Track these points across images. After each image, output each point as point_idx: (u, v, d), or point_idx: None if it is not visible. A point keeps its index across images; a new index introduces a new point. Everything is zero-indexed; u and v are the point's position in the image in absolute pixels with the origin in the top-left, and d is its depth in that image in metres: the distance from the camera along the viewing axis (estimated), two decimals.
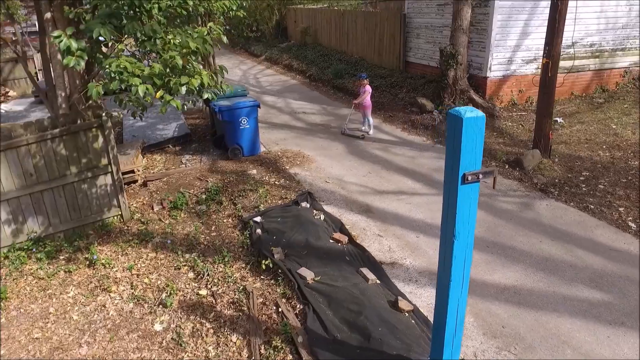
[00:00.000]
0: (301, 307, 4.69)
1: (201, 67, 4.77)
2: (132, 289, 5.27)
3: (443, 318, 3.17)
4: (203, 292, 5.17)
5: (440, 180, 7.67)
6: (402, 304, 4.53)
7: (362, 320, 4.28)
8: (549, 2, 9.42)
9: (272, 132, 10.40)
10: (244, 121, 8.47)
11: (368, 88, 9.84)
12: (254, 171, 8.04)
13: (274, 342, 4.25)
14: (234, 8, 6.23)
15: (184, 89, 4.25)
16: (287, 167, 8.31)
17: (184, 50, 4.28)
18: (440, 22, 11.76)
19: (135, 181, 7.90)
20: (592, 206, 6.64)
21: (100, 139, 6.27)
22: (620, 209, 6.51)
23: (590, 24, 11.01)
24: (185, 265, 5.64)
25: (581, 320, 4.45)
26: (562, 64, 11.16)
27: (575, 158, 8.15)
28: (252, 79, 17.00)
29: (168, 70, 4.20)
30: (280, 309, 4.69)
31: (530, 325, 4.39)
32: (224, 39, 5.05)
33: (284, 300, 4.86)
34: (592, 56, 11.39)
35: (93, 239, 6.22)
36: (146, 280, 5.42)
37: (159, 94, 4.15)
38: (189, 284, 5.34)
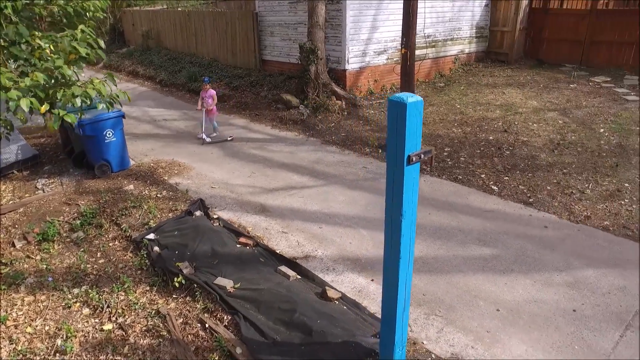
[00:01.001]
0: (229, 318, 4.46)
1: (83, 75, 4.18)
2: (12, 344, 4.44)
3: (394, 296, 3.30)
4: (108, 326, 4.59)
5: (323, 171, 7.93)
6: (331, 292, 4.59)
7: (298, 316, 4.24)
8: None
9: (138, 144, 9.61)
10: (110, 134, 7.69)
11: (213, 92, 9.67)
12: (131, 186, 7.36)
13: None
14: (92, 9, 5.55)
15: (78, 101, 3.66)
16: (166, 178, 7.78)
17: (71, 57, 3.68)
18: (294, 19, 12.05)
19: None
20: (460, 177, 7.49)
21: None
22: (482, 176, 7.46)
23: (426, 17, 12.32)
24: (76, 302, 4.95)
25: (482, 275, 5.01)
26: None
27: (435, 137, 9.08)
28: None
29: (53, 80, 3.57)
30: (207, 325, 4.40)
31: (444, 288, 4.81)
32: (102, 43, 4.46)
33: (207, 315, 4.57)
34: (430, 46, 12.77)
35: None
36: (29, 329, 4.61)
37: (43, 108, 3.51)
38: (87, 321, 4.70)
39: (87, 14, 5.47)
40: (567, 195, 6.77)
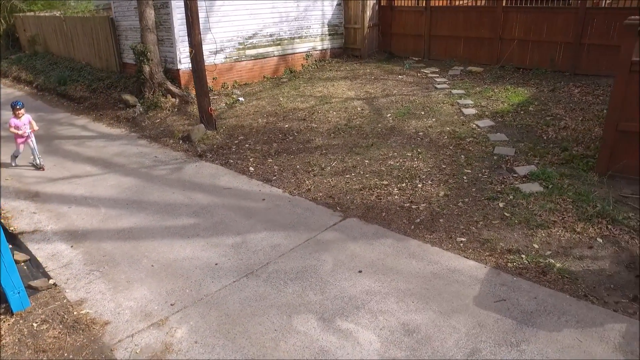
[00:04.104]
0: None
1: None
2: None
3: None
4: None
5: (117, 162, 8.86)
6: (18, 256, 5.53)
7: None
8: (224, 1, 11.48)
9: None
10: None
11: (29, 116, 8.60)
12: None
13: None
14: None
15: None
16: None
17: None
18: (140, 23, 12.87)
19: None
20: (232, 161, 8.52)
21: None
22: (250, 160, 8.50)
23: (267, 18, 13.34)
24: None
25: (169, 240, 6.01)
26: (248, 52, 13.35)
27: (238, 127, 10.10)
28: None
29: None
30: None
31: (126, 250, 5.79)
32: None
33: None
34: (274, 44, 13.79)
35: None
36: None
37: None
38: None
39: None
40: (307, 172, 7.85)
